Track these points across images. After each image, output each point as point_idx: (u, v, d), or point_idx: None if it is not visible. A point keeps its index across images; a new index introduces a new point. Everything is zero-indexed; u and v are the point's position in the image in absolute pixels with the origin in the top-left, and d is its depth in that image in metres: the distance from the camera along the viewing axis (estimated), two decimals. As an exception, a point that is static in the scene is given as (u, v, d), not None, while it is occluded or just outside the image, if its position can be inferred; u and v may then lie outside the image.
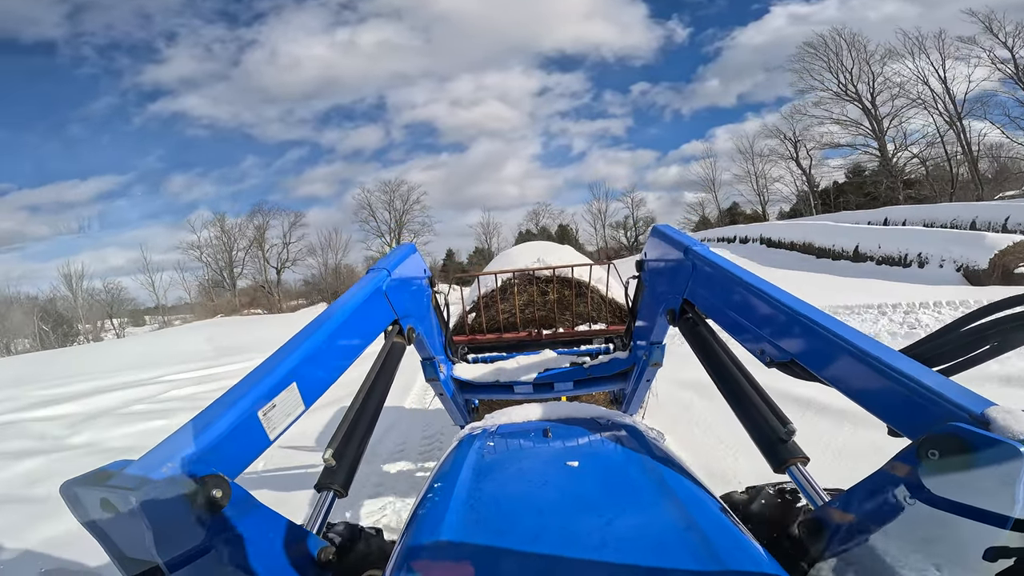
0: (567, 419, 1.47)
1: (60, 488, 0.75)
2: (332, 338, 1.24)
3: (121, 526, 0.72)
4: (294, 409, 1.07)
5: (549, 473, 1.11)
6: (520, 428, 1.44)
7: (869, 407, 0.92)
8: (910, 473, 0.71)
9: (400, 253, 1.79)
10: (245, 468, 0.93)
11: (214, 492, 0.80)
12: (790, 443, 1.10)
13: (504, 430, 1.43)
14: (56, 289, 37.65)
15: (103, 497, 0.72)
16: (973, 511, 0.63)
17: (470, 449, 1.28)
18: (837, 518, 0.84)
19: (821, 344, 1.02)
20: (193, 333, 21.70)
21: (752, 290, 1.23)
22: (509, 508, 0.98)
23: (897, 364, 0.87)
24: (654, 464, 1.12)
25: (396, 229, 44.59)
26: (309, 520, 1.03)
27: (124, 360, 14.10)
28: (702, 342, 1.47)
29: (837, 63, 32.59)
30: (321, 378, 1.18)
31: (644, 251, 2.05)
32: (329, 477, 1.11)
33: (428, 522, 0.96)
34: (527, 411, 1.53)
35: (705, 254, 1.48)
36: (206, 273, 41.57)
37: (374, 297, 1.48)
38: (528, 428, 1.43)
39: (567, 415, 1.50)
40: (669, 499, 0.96)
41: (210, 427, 0.89)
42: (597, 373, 2.49)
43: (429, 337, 2.03)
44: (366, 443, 1.23)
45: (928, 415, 0.78)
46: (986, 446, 0.63)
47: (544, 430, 1.35)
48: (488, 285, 3.87)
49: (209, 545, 0.78)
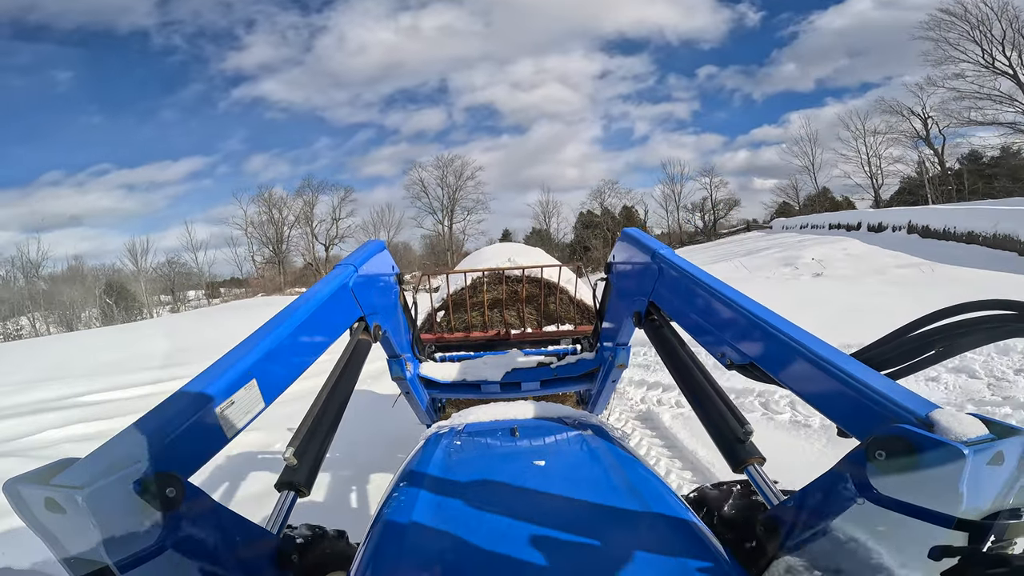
0: (534, 419, 1.48)
1: (3, 486, 0.71)
2: (295, 334, 1.20)
3: (68, 526, 0.69)
4: (253, 407, 1.04)
5: (516, 472, 1.12)
6: (487, 427, 1.44)
7: (821, 408, 0.94)
8: (859, 473, 0.73)
9: (368, 249, 1.76)
10: (200, 467, 0.89)
11: (167, 491, 0.77)
12: (748, 443, 1.12)
13: (471, 429, 1.44)
14: (123, 264, 38.54)
15: (48, 496, 0.69)
16: (918, 510, 0.65)
17: (436, 448, 1.28)
18: (792, 516, 0.86)
19: (778, 348, 1.04)
20: (190, 321, 19.64)
21: (715, 294, 1.25)
22: (476, 508, 0.97)
23: (847, 368, 0.90)
24: (618, 464, 1.15)
25: (449, 206, 42.20)
26: (269, 520, 1.00)
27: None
28: (666, 344, 1.50)
29: (985, 31, 26.73)
30: (283, 375, 1.14)
31: (612, 254, 2.05)
32: (290, 476, 1.07)
33: (393, 523, 0.95)
34: (494, 410, 1.54)
35: (671, 258, 1.51)
36: (250, 249, 41.08)
37: (340, 293, 1.44)
38: (495, 427, 1.43)
39: (534, 415, 1.51)
40: (633, 497, 0.98)
41: (164, 424, 0.85)
42: (564, 373, 2.51)
43: (396, 335, 2.01)
44: (329, 442, 1.21)
45: (876, 417, 0.80)
46: (930, 447, 0.65)
47: (511, 429, 1.36)
48: (457, 284, 3.80)
49: (162, 545, 0.75)
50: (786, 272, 13.35)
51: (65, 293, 35.20)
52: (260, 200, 41.29)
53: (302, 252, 41.82)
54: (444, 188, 42.35)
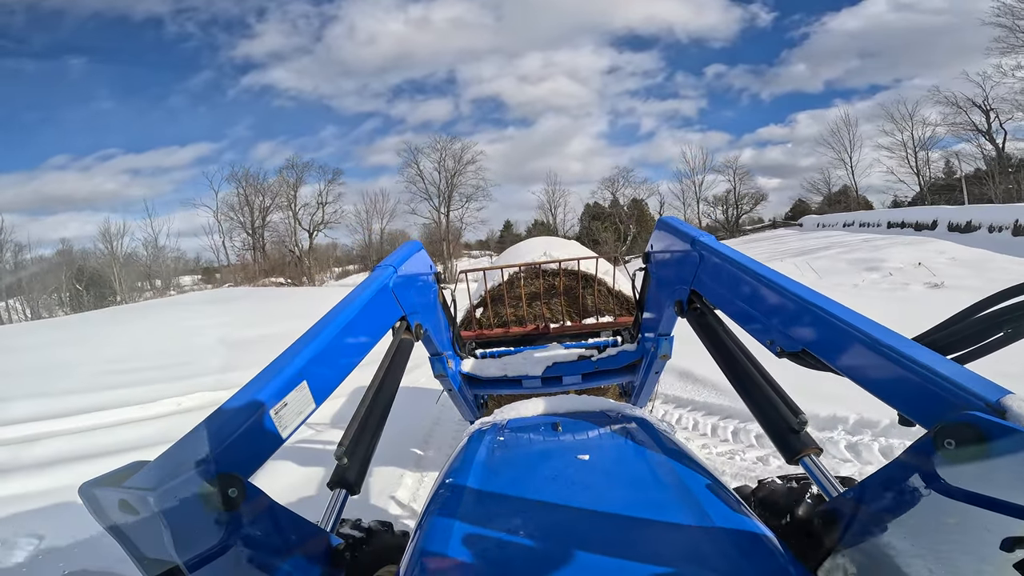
0: (576, 413, 1.45)
1: (79, 490, 0.74)
2: (340, 336, 1.23)
3: (140, 527, 0.72)
4: (305, 407, 1.07)
5: (560, 467, 1.11)
6: (529, 423, 1.44)
7: (883, 396, 0.90)
8: (926, 463, 0.69)
9: (406, 250, 1.76)
10: (259, 467, 0.93)
11: (230, 491, 0.80)
12: (803, 434, 1.08)
13: (514, 425, 1.43)
14: (97, 248, 35.68)
15: (121, 499, 0.72)
16: (990, 501, 0.62)
17: (480, 444, 1.28)
18: (852, 509, 0.83)
19: (832, 333, 1.00)
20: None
21: (761, 279, 1.21)
22: (521, 503, 0.97)
23: (910, 352, 0.85)
24: (665, 457, 1.12)
25: (446, 191, 38.71)
26: (323, 518, 1.04)
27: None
28: (711, 333, 1.46)
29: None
30: (331, 376, 1.17)
31: (650, 243, 2.01)
32: (342, 475, 1.10)
33: (441, 518, 0.96)
34: (536, 405, 1.52)
35: (712, 244, 1.46)
36: (221, 234, 37.81)
37: (381, 295, 1.46)
38: (537, 422, 1.43)
39: (576, 408, 1.48)
40: (683, 492, 0.95)
41: (224, 427, 0.89)
42: (605, 366, 2.46)
43: (436, 333, 2.01)
44: (377, 440, 1.23)
45: (943, 404, 0.76)
46: (1003, 435, 0.61)
47: (554, 424, 1.35)
48: (495, 280, 3.77)
49: (227, 544, 0.78)
50: (876, 279, 10.31)
51: (32, 278, 32.65)
52: (233, 179, 37.76)
53: (283, 238, 38.61)
54: (442, 172, 39.01)
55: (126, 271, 35.30)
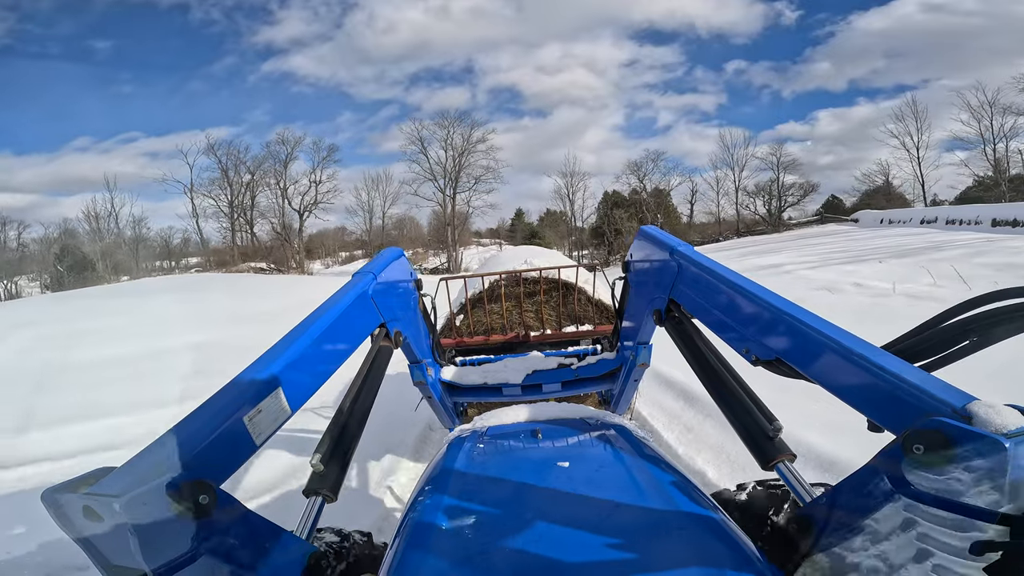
0: (556, 420, 1.46)
1: (41, 496, 0.72)
2: (318, 343, 1.21)
3: (105, 534, 0.70)
4: (280, 415, 1.05)
5: (541, 474, 1.11)
6: (509, 430, 1.43)
7: (853, 403, 0.91)
8: (895, 468, 0.71)
9: (386, 257, 1.76)
10: (231, 474, 0.91)
11: (200, 498, 0.78)
12: (777, 440, 1.10)
13: (494, 432, 1.42)
14: (79, 226, 33.41)
15: (85, 505, 0.70)
16: (958, 505, 0.63)
17: (460, 452, 1.27)
18: (824, 514, 0.84)
19: (805, 342, 1.02)
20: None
21: (737, 289, 1.22)
22: (502, 510, 0.97)
23: (879, 360, 0.87)
24: (644, 464, 1.13)
25: (453, 172, 35.35)
26: (298, 526, 1.02)
27: None
28: (688, 341, 1.47)
29: None
30: (307, 383, 1.15)
31: (630, 252, 2.03)
32: (317, 482, 1.09)
33: (421, 526, 0.95)
34: (516, 413, 1.52)
35: (690, 254, 1.48)
36: (194, 213, 35.52)
37: (360, 301, 1.45)
38: (518, 430, 1.42)
39: (556, 416, 1.49)
40: (661, 498, 0.96)
41: (195, 433, 0.86)
42: (585, 374, 2.48)
43: (416, 340, 2.00)
44: (354, 448, 1.21)
45: (911, 410, 0.78)
46: (969, 440, 0.63)
47: (534, 431, 1.35)
48: (475, 287, 3.79)
49: (196, 552, 0.76)
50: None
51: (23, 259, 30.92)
52: (211, 152, 34.74)
53: (270, 219, 35.66)
54: (449, 151, 35.65)
55: (105, 253, 33.01)
